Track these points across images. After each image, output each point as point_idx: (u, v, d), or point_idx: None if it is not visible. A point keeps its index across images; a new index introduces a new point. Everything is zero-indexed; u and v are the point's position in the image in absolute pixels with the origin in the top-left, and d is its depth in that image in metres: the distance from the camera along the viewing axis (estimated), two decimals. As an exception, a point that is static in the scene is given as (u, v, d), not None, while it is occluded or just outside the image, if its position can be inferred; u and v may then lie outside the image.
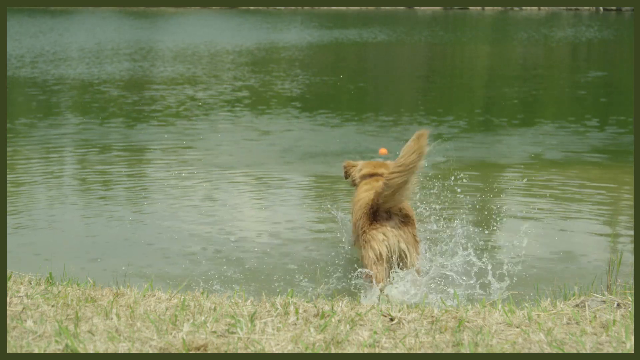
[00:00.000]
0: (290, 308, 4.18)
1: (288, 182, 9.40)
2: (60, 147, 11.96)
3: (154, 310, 4.18)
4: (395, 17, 60.17)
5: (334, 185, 9.01)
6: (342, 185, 8.69)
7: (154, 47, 31.71)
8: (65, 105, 16.75)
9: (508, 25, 51.59)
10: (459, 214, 7.93)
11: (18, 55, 27.19)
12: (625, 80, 21.56)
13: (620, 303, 4.31)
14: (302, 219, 7.92)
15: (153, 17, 59.17)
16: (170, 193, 9.02)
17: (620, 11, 68.61)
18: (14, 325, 3.87)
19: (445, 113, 15.80)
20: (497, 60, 29.19)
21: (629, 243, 6.84)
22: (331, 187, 8.96)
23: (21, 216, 8.06)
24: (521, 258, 6.69)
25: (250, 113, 15.34)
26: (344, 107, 16.72)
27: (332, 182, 9.09)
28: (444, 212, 7.99)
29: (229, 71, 23.19)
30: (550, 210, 8.25)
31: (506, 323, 4.00)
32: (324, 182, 9.38)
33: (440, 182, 9.09)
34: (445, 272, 5.75)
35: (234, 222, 7.83)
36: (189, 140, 12.48)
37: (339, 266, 6.65)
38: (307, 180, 9.52)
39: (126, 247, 7.17)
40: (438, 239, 6.78)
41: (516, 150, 11.71)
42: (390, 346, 3.68)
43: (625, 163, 10.68)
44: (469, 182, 9.23)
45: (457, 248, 6.34)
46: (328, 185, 9.06)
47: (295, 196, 8.67)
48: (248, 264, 6.60)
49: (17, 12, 60.92)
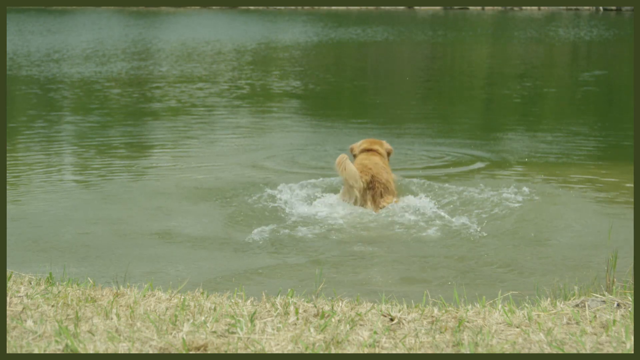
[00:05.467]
0: (290, 308, 4.18)
1: (289, 181, 9.39)
2: (61, 147, 11.96)
3: (154, 310, 4.18)
4: (395, 17, 60.16)
5: (334, 185, 9.00)
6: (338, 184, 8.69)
7: (154, 47, 31.71)
8: (66, 103, 16.75)
9: (508, 25, 51.58)
10: (457, 214, 7.93)
11: (21, 53, 27.18)
12: (625, 80, 21.56)
13: (620, 303, 4.31)
14: (302, 218, 7.90)
15: (153, 17, 59.16)
16: (171, 193, 9.02)
17: (620, 11, 68.58)
18: (14, 325, 3.87)
19: (445, 112, 15.79)
20: (497, 60, 29.18)
21: (629, 243, 6.83)
22: (331, 185, 8.95)
23: (21, 216, 8.05)
24: (521, 258, 6.69)
25: (250, 112, 15.34)
26: (344, 107, 16.72)
27: (331, 183, 9.09)
28: (440, 211, 8.00)
29: (229, 71, 23.19)
30: (549, 209, 8.25)
31: (506, 323, 4.00)
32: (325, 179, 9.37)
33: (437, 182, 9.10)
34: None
35: (234, 222, 7.82)
36: (190, 139, 12.48)
37: (339, 265, 6.65)
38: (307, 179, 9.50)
39: (126, 246, 7.17)
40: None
41: (515, 149, 11.70)
42: (390, 346, 3.68)
43: (626, 163, 10.68)
44: (466, 182, 9.24)
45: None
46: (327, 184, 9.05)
47: (296, 196, 8.66)
48: (248, 264, 6.61)
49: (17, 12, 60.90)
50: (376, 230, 7.66)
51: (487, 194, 8.53)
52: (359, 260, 6.89)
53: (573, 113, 15.98)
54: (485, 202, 8.28)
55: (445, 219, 7.77)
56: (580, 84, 20.99)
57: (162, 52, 29.76)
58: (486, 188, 8.72)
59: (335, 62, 27.61)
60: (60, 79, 20.98)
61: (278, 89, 19.44)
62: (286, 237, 7.32)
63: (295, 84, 20.30)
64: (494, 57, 30.60)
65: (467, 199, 8.44)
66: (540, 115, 15.77)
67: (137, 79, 21.28)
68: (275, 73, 22.91)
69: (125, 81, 20.71)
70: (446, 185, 8.95)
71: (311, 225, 7.62)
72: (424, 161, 10.89)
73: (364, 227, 7.72)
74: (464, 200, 8.36)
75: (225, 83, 20.23)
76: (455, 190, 8.72)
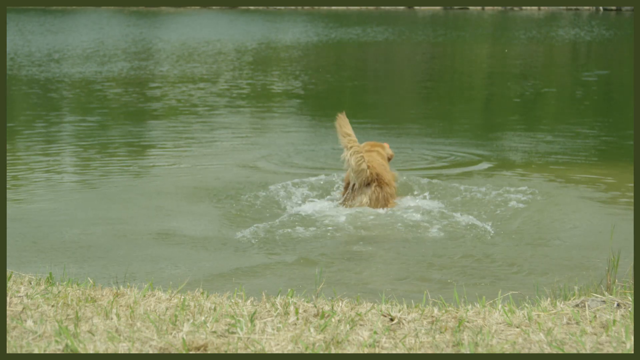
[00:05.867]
0: (290, 308, 4.18)
1: (289, 181, 9.39)
2: (61, 147, 11.96)
3: (154, 310, 4.18)
4: (395, 17, 60.15)
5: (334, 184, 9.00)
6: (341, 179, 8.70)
7: (154, 47, 31.71)
8: (66, 103, 16.75)
9: (508, 25, 51.57)
10: (456, 214, 7.93)
11: (22, 53, 27.19)
12: (625, 80, 21.56)
13: (620, 303, 4.31)
14: (302, 218, 7.90)
15: (154, 17, 59.15)
16: (170, 193, 9.01)
17: (620, 11, 68.56)
18: (14, 325, 3.87)
19: (445, 112, 15.79)
20: (497, 60, 29.18)
21: (629, 243, 6.83)
22: (332, 184, 8.95)
23: (21, 216, 8.05)
24: (522, 258, 6.69)
25: (250, 112, 15.34)
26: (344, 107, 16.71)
27: (332, 183, 9.09)
28: (440, 211, 7.99)
29: (229, 71, 23.19)
30: (549, 209, 8.25)
31: (506, 323, 4.00)
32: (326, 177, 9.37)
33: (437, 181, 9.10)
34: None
35: (234, 222, 7.82)
36: (190, 139, 12.48)
37: (339, 265, 6.65)
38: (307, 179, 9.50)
39: (126, 246, 7.17)
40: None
41: (515, 149, 11.70)
42: (390, 346, 3.68)
43: (626, 163, 10.68)
44: (465, 181, 9.24)
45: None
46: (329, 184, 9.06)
47: (296, 195, 8.66)
48: (248, 264, 6.60)
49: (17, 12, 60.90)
50: (376, 229, 7.66)
51: (487, 194, 8.52)
52: (359, 260, 6.89)
53: (573, 113, 15.98)
54: (485, 202, 8.28)
55: (445, 219, 7.77)
56: (580, 84, 20.99)
57: (162, 52, 29.77)
58: (486, 188, 8.72)
59: (335, 62, 27.61)
60: (60, 78, 20.98)
61: (278, 88, 19.44)
62: (286, 237, 7.32)
63: (295, 84, 20.30)
64: (494, 57, 30.59)
65: (467, 199, 8.44)
66: (540, 115, 15.77)
67: (137, 79, 21.28)
68: (275, 73, 22.91)
69: (125, 81, 20.71)
70: (445, 185, 8.94)
71: (312, 225, 7.62)
72: (424, 161, 10.89)
73: (364, 226, 7.72)
74: (463, 201, 8.36)
75: (225, 83, 20.23)
76: (455, 190, 8.72)
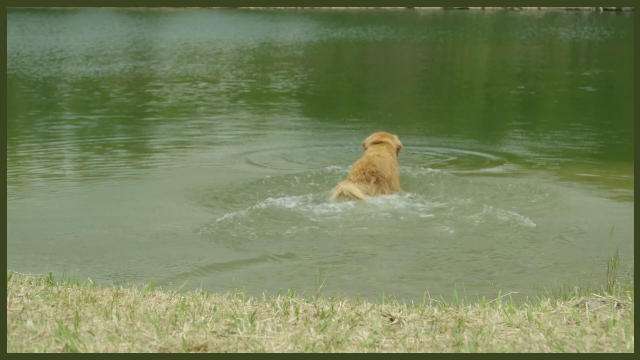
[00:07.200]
0: (290, 308, 4.18)
1: (289, 181, 9.39)
2: (61, 147, 11.96)
3: (154, 310, 4.18)
4: (395, 17, 60.16)
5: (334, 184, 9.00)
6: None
7: (155, 47, 31.71)
8: (66, 103, 16.75)
9: (508, 25, 51.57)
10: (454, 216, 7.92)
11: (23, 53, 27.19)
12: (625, 80, 21.56)
13: (620, 303, 4.31)
14: (303, 218, 7.90)
15: (154, 17, 59.16)
16: (170, 193, 9.01)
17: (620, 11, 68.56)
18: (14, 325, 3.87)
19: (445, 112, 15.79)
20: (497, 60, 29.18)
21: (629, 243, 6.83)
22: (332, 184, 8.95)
23: (21, 216, 8.05)
24: (521, 258, 6.68)
25: (251, 112, 15.34)
26: (344, 107, 16.72)
27: (333, 183, 9.09)
28: (441, 213, 7.99)
29: (230, 70, 23.19)
30: (550, 209, 8.25)
31: (506, 323, 4.00)
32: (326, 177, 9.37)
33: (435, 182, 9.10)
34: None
35: (234, 222, 7.82)
36: (190, 139, 12.48)
37: (339, 265, 6.65)
38: (307, 179, 9.50)
39: (126, 246, 7.17)
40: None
41: (514, 149, 11.70)
42: (390, 346, 3.68)
43: (626, 163, 10.68)
44: (465, 181, 9.23)
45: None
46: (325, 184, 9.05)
47: (296, 195, 8.65)
48: (248, 264, 6.60)
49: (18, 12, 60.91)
50: (376, 229, 7.66)
51: (486, 194, 8.52)
52: (359, 260, 6.89)
53: (573, 113, 15.98)
54: (485, 203, 8.27)
55: (445, 219, 7.77)
56: (580, 84, 20.98)
57: (163, 51, 29.77)
58: (486, 188, 8.71)
59: (336, 62, 27.60)
60: (61, 78, 20.98)
61: (278, 88, 19.44)
62: (286, 237, 7.32)
63: (295, 83, 20.30)
64: (494, 57, 30.59)
65: (466, 198, 8.43)
66: (540, 115, 15.77)
67: (138, 78, 21.28)
68: (275, 73, 22.91)
69: (126, 81, 20.71)
70: (446, 184, 8.95)
71: (312, 225, 7.62)
72: (423, 161, 10.89)
73: (364, 226, 7.72)
74: (463, 200, 8.35)
75: (226, 83, 20.23)
76: (455, 190, 8.72)
